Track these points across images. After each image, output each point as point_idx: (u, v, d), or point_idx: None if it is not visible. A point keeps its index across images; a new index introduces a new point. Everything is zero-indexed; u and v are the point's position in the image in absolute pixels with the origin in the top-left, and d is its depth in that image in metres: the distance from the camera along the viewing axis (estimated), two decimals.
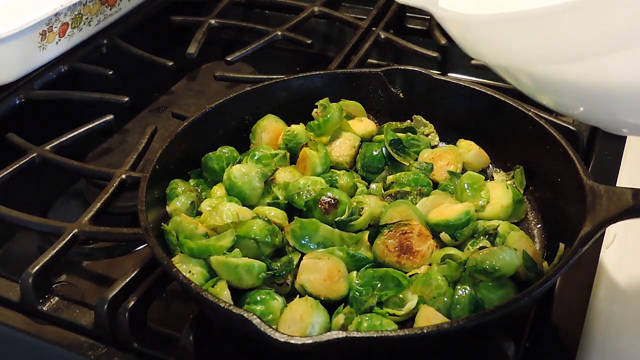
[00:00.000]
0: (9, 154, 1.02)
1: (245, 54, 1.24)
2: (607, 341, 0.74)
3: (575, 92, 0.57)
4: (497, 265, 0.74)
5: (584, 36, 0.51)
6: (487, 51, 0.60)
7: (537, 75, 0.58)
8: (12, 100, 1.17)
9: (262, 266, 0.77)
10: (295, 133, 0.96)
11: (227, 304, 0.67)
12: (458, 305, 0.73)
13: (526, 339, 0.75)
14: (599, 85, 0.54)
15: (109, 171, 0.97)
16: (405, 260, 0.79)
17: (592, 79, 0.54)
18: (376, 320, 0.72)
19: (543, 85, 0.60)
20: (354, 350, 0.65)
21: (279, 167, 0.91)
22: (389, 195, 0.89)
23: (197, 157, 0.93)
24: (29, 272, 0.81)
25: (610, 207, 0.72)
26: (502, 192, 0.87)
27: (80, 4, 1.22)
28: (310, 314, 0.72)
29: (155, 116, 1.20)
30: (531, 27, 0.53)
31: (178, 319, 0.79)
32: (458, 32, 0.62)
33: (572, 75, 0.55)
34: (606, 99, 0.56)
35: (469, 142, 0.96)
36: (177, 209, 0.85)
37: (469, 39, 0.61)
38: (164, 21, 1.41)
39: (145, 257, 0.82)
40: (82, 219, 0.88)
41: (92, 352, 0.77)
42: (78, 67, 1.25)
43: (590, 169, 0.98)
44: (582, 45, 0.51)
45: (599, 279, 0.82)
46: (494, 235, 0.81)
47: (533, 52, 0.55)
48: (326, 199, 0.84)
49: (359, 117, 1.01)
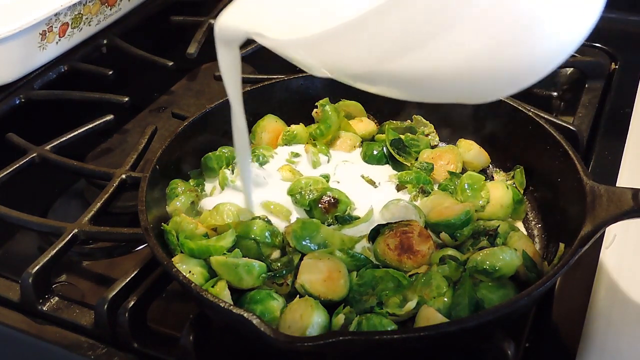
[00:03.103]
0: (9, 154, 1.02)
1: (245, 54, 1.24)
2: (607, 341, 0.74)
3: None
4: (497, 266, 0.74)
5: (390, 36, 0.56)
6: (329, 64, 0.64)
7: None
8: (12, 100, 1.17)
9: (262, 266, 0.77)
10: (295, 133, 0.96)
11: (227, 304, 0.67)
12: (458, 305, 0.73)
13: (526, 339, 0.75)
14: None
15: (109, 171, 0.97)
16: (405, 260, 0.79)
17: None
18: (376, 320, 0.72)
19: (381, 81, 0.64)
20: (354, 350, 0.65)
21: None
22: None
23: (197, 157, 0.93)
24: (29, 272, 0.81)
25: (610, 207, 0.72)
26: (502, 192, 0.87)
27: (80, 4, 1.22)
28: (310, 314, 0.72)
29: (155, 116, 1.20)
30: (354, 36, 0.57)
31: (178, 319, 0.78)
32: (295, 56, 0.66)
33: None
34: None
35: (469, 142, 0.96)
36: (177, 209, 0.85)
37: (306, 58, 0.65)
38: (164, 21, 1.41)
39: (145, 257, 0.82)
40: (82, 219, 0.88)
41: (92, 352, 0.77)
42: (78, 67, 1.25)
43: (590, 169, 0.97)
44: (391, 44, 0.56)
45: (599, 279, 0.82)
46: (494, 236, 0.81)
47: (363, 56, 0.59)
48: (326, 198, 0.84)
49: (359, 117, 1.01)
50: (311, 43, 0.61)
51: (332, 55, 0.62)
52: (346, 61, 0.61)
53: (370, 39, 0.57)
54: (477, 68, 0.56)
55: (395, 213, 0.85)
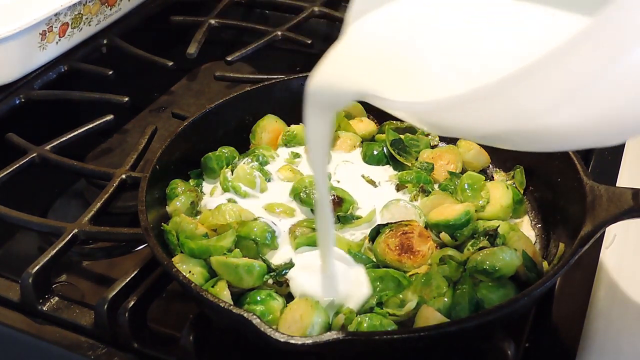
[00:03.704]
0: (9, 154, 1.02)
1: (245, 54, 1.24)
2: (607, 341, 0.74)
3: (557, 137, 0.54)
4: (497, 266, 0.74)
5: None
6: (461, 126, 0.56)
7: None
8: (12, 100, 1.17)
9: (263, 266, 0.77)
10: (295, 133, 0.96)
11: (227, 304, 0.68)
12: (458, 305, 0.73)
13: (526, 339, 0.75)
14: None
15: (109, 171, 0.97)
16: (406, 260, 0.79)
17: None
18: (376, 320, 0.72)
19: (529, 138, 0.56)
20: (354, 350, 0.65)
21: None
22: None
23: (197, 157, 0.93)
24: (29, 272, 0.81)
25: (610, 207, 0.72)
26: (502, 192, 0.87)
27: (80, 4, 1.22)
28: (310, 314, 0.72)
29: (155, 116, 1.20)
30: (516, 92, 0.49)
31: (178, 319, 0.78)
32: (423, 120, 0.58)
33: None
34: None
35: (469, 141, 0.96)
36: (177, 209, 0.85)
37: (437, 122, 0.57)
38: (164, 21, 1.41)
39: (145, 257, 0.82)
40: (82, 219, 0.88)
41: (92, 352, 0.77)
42: (78, 67, 1.25)
43: (590, 169, 0.97)
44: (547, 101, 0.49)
45: (599, 279, 0.82)
46: (494, 236, 0.81)
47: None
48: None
49: (359, 117, 1.01)
50: (451, 105, 0.51)
51: (469, 116, 0.52)
52: (480, 122, 0.52)
53: (526, 96, 0.49)
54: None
55: (395, 213, 0.85)
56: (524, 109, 0.49)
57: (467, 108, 0.51)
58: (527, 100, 0.49)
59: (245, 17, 1.49)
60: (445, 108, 0.51)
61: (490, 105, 0.50)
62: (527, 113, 0.50)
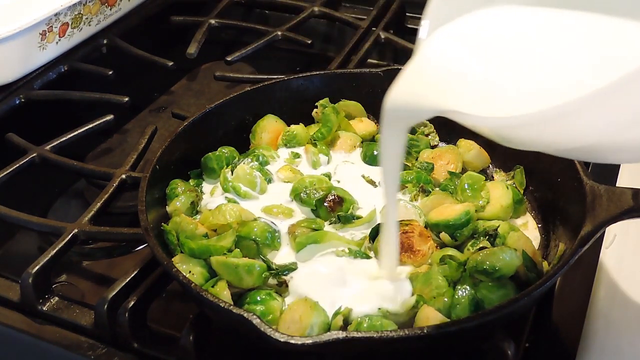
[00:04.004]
0: (9, 154, 1.02)
1: (245, 54, 1.24)
2: (607, 341, 0.74)
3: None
4: (497, 266, 0.74)
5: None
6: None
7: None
8: (12, 100, 1.17)
9: (263, 266, 0.77)
10: (295, 133, 0.96)
11: (227, 304, 0.68)
12: (458, 305, 0.73)
13: (526, 339, 0.75)
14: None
15: (109, 171, 0.97)
16: (406, 259, 0.79)
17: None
18: (376, 320, 0.72)
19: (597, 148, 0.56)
20: (353, 350, 0.65)
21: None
22: None
23: (197, 157, 0.93)
24: (29, 272, 0.81)
25: (610, 207, 0.72)
26: (502, 192, 0.87)
27: (80, 4, 1.22)
28: (310, 314, 0.72)
29: (155, 116, 1.20)
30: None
31: (178, 319, 0.78)
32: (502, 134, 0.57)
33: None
34: None
35: (469, 142, 0.96)
36: (177, 209, 0.85)
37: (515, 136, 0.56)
38: (164, 21, 1.41)
39: (145, 257, 0.82)
40: (82, 219, 0.88)
41: (92, 352, 0.77)
42: (78, 67, 1.25)
43: (590, 169, 0.97)
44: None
45: (599, 279, 0.82)
46: (494, 236, 0.81)
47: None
48: (331, 197, 0.84)
49: (359, 117, 1.01)
50: (534, 120, 0.50)
51: (553, 131, 0.52)
52: (568, 135, 0.52)
53: (619, 108, 0.49)
54: None
55: None
56: (616, 121, 0.49)
57: (560, 121, 0.50)
58: (618, 113, 0.49)
59: (245, 17, 1.49)
60: (537, 121, 0.51)
61: (584, 118, 0.49)
62: (618, 125, 0.50)
